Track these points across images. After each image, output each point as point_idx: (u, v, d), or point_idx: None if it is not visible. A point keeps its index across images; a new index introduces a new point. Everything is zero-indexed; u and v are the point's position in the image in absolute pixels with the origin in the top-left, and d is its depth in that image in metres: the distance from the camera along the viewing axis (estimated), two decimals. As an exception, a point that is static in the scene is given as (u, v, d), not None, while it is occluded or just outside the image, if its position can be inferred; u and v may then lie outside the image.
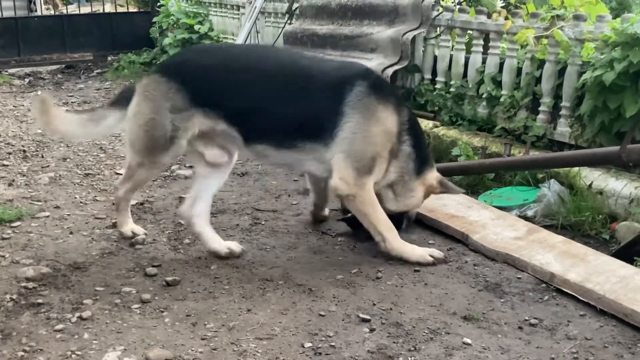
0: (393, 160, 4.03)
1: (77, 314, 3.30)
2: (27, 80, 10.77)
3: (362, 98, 3.90)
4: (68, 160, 6.13)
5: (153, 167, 4.14)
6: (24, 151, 6.35)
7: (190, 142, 4.00)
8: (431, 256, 3.99)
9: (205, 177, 4.21)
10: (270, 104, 3.91)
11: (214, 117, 3.94)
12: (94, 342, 3.07)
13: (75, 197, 5.09)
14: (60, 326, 3.19)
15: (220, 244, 4.05)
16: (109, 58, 12.00)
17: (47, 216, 4.67)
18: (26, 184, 5.39)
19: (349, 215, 4.34)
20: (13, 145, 6.55)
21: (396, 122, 4.01)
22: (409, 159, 4.08)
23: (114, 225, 4.48)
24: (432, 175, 4.22)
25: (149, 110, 3.97)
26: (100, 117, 4.18)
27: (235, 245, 4.08)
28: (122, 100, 4.15)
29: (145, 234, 4.34)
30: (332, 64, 4.23)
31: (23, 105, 8.63)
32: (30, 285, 3.61)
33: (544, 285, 3.69)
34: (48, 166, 5.92)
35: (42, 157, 6.23)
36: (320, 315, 3.35)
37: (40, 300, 3.44)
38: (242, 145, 4.03)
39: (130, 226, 4.35)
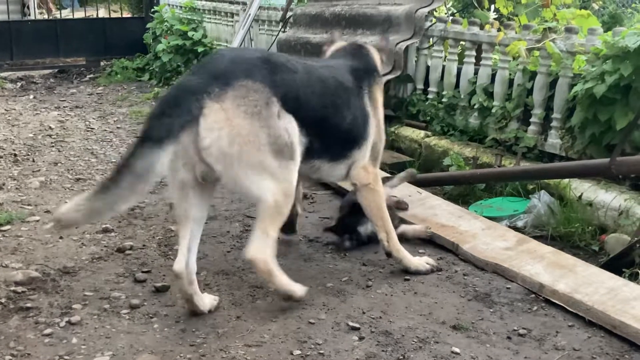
0: None
1: (66, 319, 3.29)
2: (19, 84, 10.75)
3: (371, 88, 3.96)
4: (59, 164, 6.12)
5: (292, 188, 3.41)
6: (15, 155, 6.33)
7: None
8: (427, 264, 4.00)
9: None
10: (333, 114, 3.67)
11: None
12: (83, 347, 3.07)
13: (66, 202, 5.05)
14: (48, 330, 3.18)
15: None
16: (102, 63, 12.01)
17: (37, 220, 4.65)
18: (17, 188, 5.37)
19: (334, 224, 4.41)
20: (4, 149, 6.53)
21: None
22: None
23: (105, 231, 4.47)
24: None
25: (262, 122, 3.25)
26: (144, 170, 3.00)
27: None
28: (166, 127, 3.05)
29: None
30: (335, 62, 4.09)
31: (15, 109, 8.61)
32: (19, 289, 3.60)
33: (533, 295, 3.70)
34: (39, 170, 5.91)
35: (33, 161, 6.21)
36: (309, 322, 3.35)
37: (29, 305, 3.43)
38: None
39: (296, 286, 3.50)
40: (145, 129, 3.12)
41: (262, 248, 3.30)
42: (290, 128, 3.34)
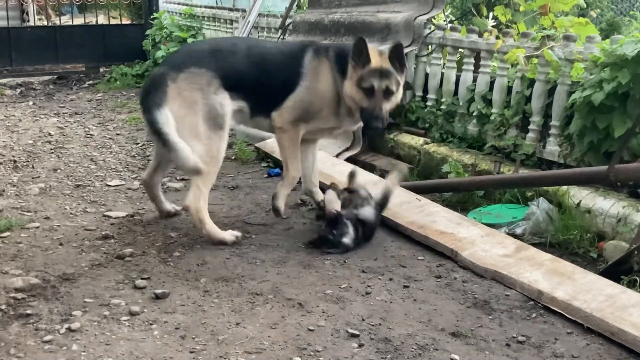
0: None
1: (66, 325, 3.29)
2: (18, 90, 10.75)
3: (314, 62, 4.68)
4: (59, 171, 6.13)
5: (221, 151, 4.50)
6: (15, 161, 6.34)
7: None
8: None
9: None
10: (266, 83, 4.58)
11: (237, 98, 4.54)
12: (83, 353, 3.07)
13: (66, 208, 5.08)
14: (48, 337, 3.18)
15: None
16: (101, 69, 12.02)
17: (37, 227, 4.66)
18: (16, 195, 5.38)
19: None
20: (3, 156, 6.54)
21: None
22: None
23: (104, 238, 4.48)
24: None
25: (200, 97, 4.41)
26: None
27: None
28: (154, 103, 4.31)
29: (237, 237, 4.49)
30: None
31: (14, 116, 8.62)
32: (19, 295, 3.60)
33: (531, 302, 3.71)
34: (38, 177, 5.91)
35: (33, 167, 6.21)
36: (309, 329, 3.36)
37: (29, 311, 3.43)
38: (247, 119, 4.74)
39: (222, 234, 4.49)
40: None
41: (195, 198, 4.35)
42: (222, 102, 4.45)
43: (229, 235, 4.45)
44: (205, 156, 4.32)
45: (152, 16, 11.62)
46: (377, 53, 4.51)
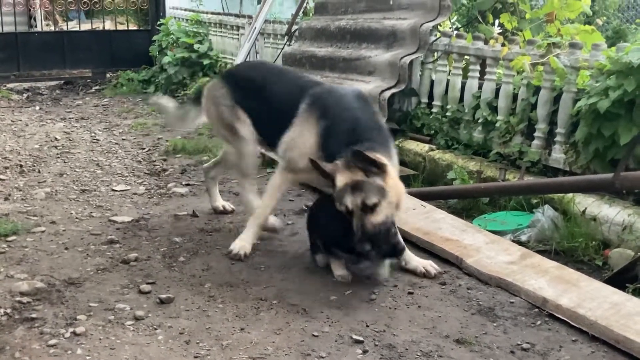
0: None
1: (71, 330, 3.30)
2: (25, 95, 10.81)
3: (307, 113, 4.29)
4: (65, 175, 6.15)
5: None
6: (21, 166, 6.37)
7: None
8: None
9: None
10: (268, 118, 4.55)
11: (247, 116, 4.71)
12: (87, 357, 3.08)
13: (71, 213, 5.10)
14: (53, 341, 3.20)
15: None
16: (108, 75, 12.06)
17: (43, 231, 4.68)
18: (22, 199, 5.40)
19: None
20: (10, 160, 6.57)
21: None
22: None
23: (110, 242, 4.50)
24: None
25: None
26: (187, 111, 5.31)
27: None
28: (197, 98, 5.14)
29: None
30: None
31: (21, 120, 8.66)
32: (25, 299, 3.62)
33: (536, 310, 3.70)
34: (44, 181, 5.94)
35: (39, 172, 6.24)
36: (313, 335, 3.36)
37: (34, 315, 3.45)
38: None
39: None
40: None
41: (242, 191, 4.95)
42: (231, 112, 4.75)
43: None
44: (232, 154, 4.90)
45: (158, 22, 11.68)
46: (343, 165, 3.83)
